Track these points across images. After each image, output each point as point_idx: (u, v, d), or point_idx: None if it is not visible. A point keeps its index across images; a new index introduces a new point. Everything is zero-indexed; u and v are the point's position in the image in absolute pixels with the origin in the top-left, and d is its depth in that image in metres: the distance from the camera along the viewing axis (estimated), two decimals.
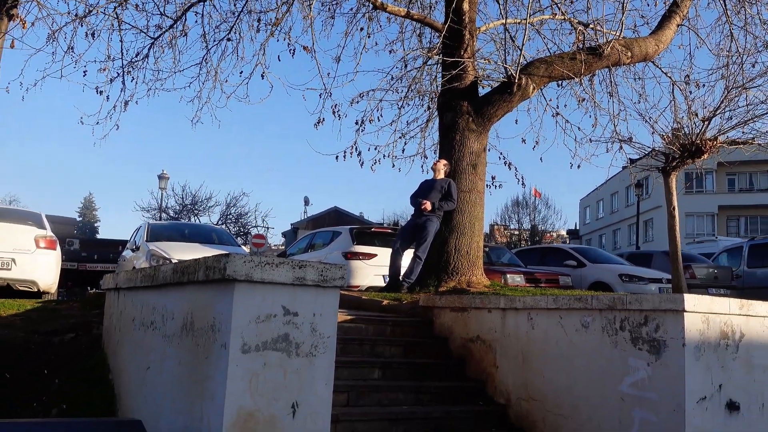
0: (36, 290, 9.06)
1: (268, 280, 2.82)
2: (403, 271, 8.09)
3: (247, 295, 2.79)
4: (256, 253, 20.99)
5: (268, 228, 36.68)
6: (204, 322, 3.03)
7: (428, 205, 7.97)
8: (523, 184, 11.21)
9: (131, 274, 4.51)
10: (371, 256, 10.21)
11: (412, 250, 8.10)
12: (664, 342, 3.95)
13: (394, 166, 10.98)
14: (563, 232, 53.02)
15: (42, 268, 8.99)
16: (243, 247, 13.85)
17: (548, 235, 47.42)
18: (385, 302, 6.96)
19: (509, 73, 7.74)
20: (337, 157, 9.87)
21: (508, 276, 10.39)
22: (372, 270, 10.05)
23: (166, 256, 9.47)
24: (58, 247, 9.48)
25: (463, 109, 8.16)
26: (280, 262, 2.87)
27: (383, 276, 9.69)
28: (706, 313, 4.00)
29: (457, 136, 8.13)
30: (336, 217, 35.07)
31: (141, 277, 4.17)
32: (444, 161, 8.13)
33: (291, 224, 36.69)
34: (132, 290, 4.52)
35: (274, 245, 42.27)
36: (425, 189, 8.28)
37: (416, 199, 8.26)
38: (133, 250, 11.17)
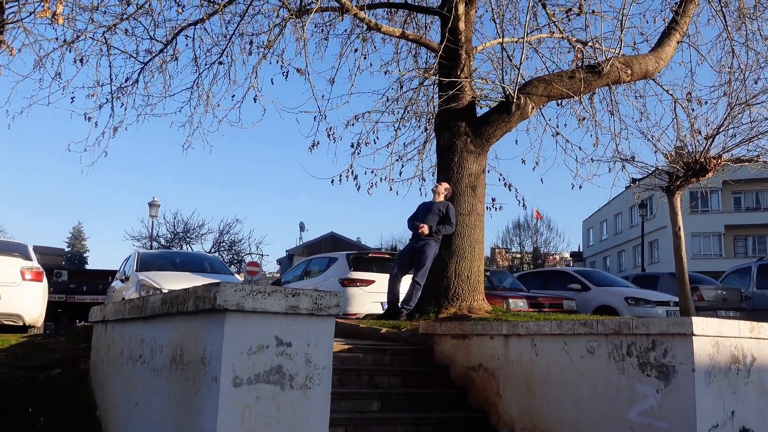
0: (22, 324, 8.98)
1: (260, 309, 2.79)
2: (401, 297, 8.07)
3: (239, 325, 2.76)
4: (250, 282, 20.90)
5: (262, 255, 36.53)
6: (194, 354, 2.99)
7: (425, 229, 7.97)
8: (524, 205, 11.12)
9: (119, 305, 4.48)
10: (369, 282, 10.19)
11: (411, 276, 8.09)
12: (672, 367, 3.91)
13: (391, 189, 10.95)
14: (566, 255, 53.02)
15: (28, 301, 8.92)
16: (236, 275, 13.79)
17: (551, 258, 47.42)
18: (384, 330, 6.92)
19: (507, 92, 7.79)
20: (332, 180, 9.90)
21: (510, 301, 10.36)
22: (370, 297, 10.03)
23: (156, 286, 9.42)
24: (45, 279, 9.42)
25: (461, 130, 8.19)
26: (273, 290, 2.85)
27: (381, 303, 9.66)
28: (715, 337, 3.97)
29: (455, 157, 8.15)
30: (333, 242, 35.07)
31: (129, 309, 4.13)
32: (446, 185, 8.14)
33: (286, 251, 36.72)
34: (120, 322, 4.48)
35: (269, 273, 42.12)
36: (423, 212, 8.28)
37: (413, 222, 8.26)
38: (122, 281, 11.12)
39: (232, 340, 2.74)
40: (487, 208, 10.95)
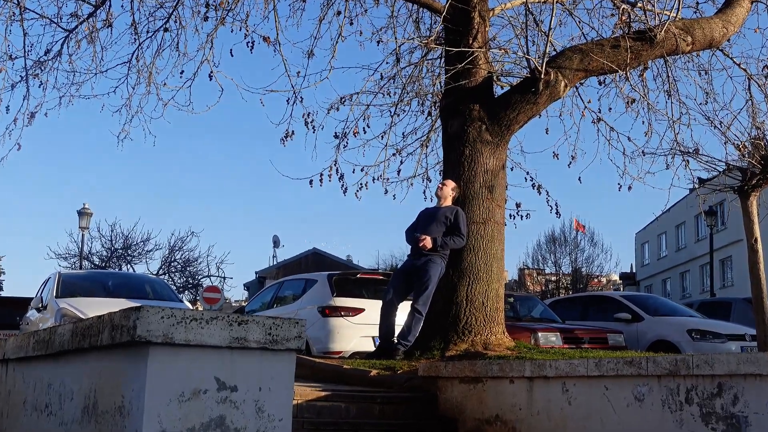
0: None
1: (196, 342, 2.73)
2: (398, 330, 8.04)
3: (167, 363, 2.71)
4: (211, 311, 20.91)
5: (224, 278, 36.46)
6: (110, 402, 2.93)
7: (428, 242, 7.95)
8: (557, 213, 11.12)
9: (22, 339, 4.40)
10: (357, 311, 10.18)
11: (410, 302, 8.06)
12: (745, 419, 3.87)
13: (387, 192, 11.01)
14: (615, 277, 52.99)
15: None
16: (188, 303, 13.70)
17: (595, 280, 47.46)
18: (374, 372, 6.91)
19: (533, 66, 7.78)
20: (311, 181, 9.91)
21: (539, 334, 10.32)
22: (358, 330, 10.00)
23: (81, 316, 9.34)
24: None
25: (474, 115, 8.19)
26: (213, 316, 2.78)
27: (373, 338, 9.63)
28: None
29: (466, 149, 8.13)
30: (315, 261, 35.11)
31: (33, 344, 4.05)
32: (452, 183, 8.13)
33: (256, 273, 36.77)
34: (23, 362, 4.39)
35: (235, 301, 42.07)
36: (425, 220, 8.28)
37: (413, 233, 8.22)
38: (39, 310, 11.05)
39: (157, 382, 2.68)
40: (509, 215, 11.01)
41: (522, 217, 10.80)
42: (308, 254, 36.93)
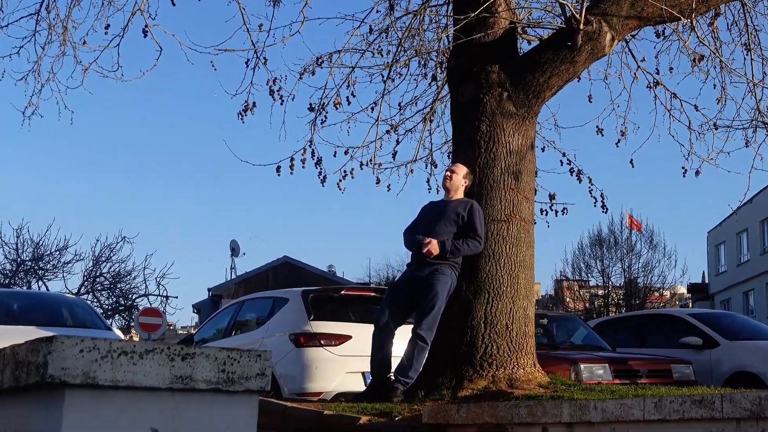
0: None
1: (126, 382, 2.72)
2: (395, 363, 8.07)
3: (88, 410, 2.70)
4: (148, 341, 20.91)
5: (167, 297, 36.43)
6: None
7: (434, 247, 7.99)
8: (604, 206, 11.15)
9: None
10: (341, 338, 10.20)
11: (410, 327, 8.09)
12: None
13: (379, 181, 11.03)
14: (682, 290, 53.11)
15: None
16: (118, 331, 13.66)
17: (655, 294, 47.50)
18: (365, 419, 6.89)
19: (569, 13, 7.80)
20: (278, 168, 9.91)
21: (581, 367, 10.36)
22: (342, 363, 10.02)
23: None
24: None
25: (493, 79, 8.25)
26: (149, 349, 2.78)
27: (362, 374, 9.71)
28: None
29: (482, 124, 8.19)
30: (287, 274, 35.12)
31: None
32: (463, 169, 8.17)
33: (209, 290, 36.75)
34: None
35: (181, 327, 42.02)
36: (430, 218, 8.34)
37: (413, 236, 8.23)
38: None
39: None
40: (540, 210, 11.07)
41: (557, 212, 10.85)
42: (277, 265, 36.89)
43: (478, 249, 7.96)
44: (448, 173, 8.31)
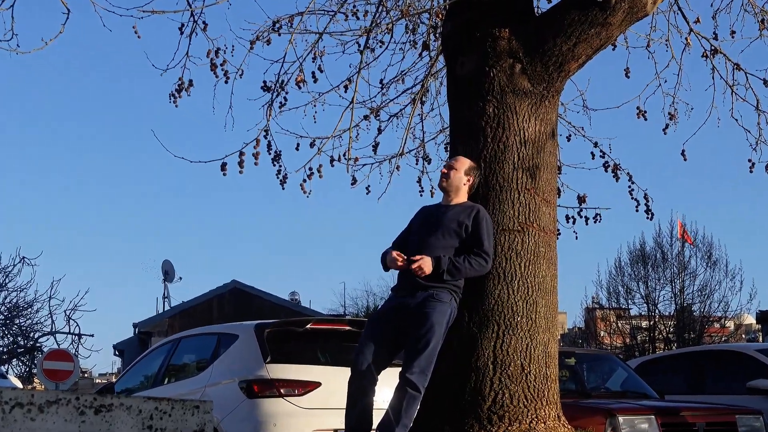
0: None
1: None
2: (377, 418, 8.02)
3: None
4: (57, 391, 20.95)
5: (80, 336, 36.28)
6: None
7: (426, 266, 7.93)
8: (649, 212, 11.19)
9: None
10: (307, 387, 10.21)
11: (397, 370, 8.02)
12: None
13: (355, 182, 11.01)
14: (750, 319, 53.12)
15: None
16: (12, 378, 13.58)
17: (715, 326, 47.42)
18: None
19: None
20: (224, 165, 9.87)
21: (620, 419, 10.36)
22: (308, 419, 10.03)
23: None
24: None
25: (501, 47, 8.27)
26: (53, 399, 2.73)
27: (335, 431, 9.61)
28: None
29: (488, 106, 8.21)
30: (237, 303, 35.16)
31: None
32: (466, 162, 8.20)
33: (135, 325, 36.61)
34: None
35: (99, 375, 41.86)
36: (423, 227, 8.36)
37: (390, 256, 8.25)
38: None
39: None
40: (566, 218, 11.06)
41: (588, 219, 10.87)
42: (224, 292, 36.95)
43: (484, 269, 7.92)
44: (445, 170, 8.28)
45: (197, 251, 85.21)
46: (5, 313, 36.99)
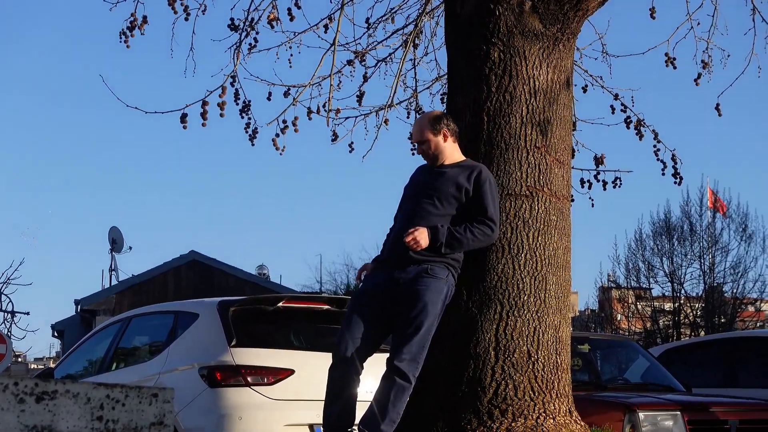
0: None
1: None
2: (360, 412, 8.05)
3: None
4: None
5: (13, 314, 36.21)
6: None
7: (422, 236, 7.96)
8: (677, 176, 11.21)
9: None
10: (278, 374, 10.20)
11: (383, 357, 8.07)
12: None
13: (336, 138, 10.99)
14: None
15: None
16: None
17: (749, 309, 47.58)
18: None
19: None
20: (184, 116, 9.84)
21: (640, 415, 10.40)
22: (280, 412, 10.06)
23: None
24: None
25: None
26: None
27: (310, 427, 9.82)
28: None
29: (493, 49, 8.23)
30: (196, 278, 35.06)
31: None
32: (425, 126, 8.25)
33: (77, 302, 36.57)
34: None
35: (35, 359, 41.92)
36: (417, 191, 8.38)
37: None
38: None
39: None
40: (581, 182, 11.06)
41: (606, 184, 10.87)
42: (181, 264, 36.82)
43: (489, 239, 7.95)
44: (418, 152, 8.29)
45: (150, 217, 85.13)
46: None
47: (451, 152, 8.11)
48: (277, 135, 10.28)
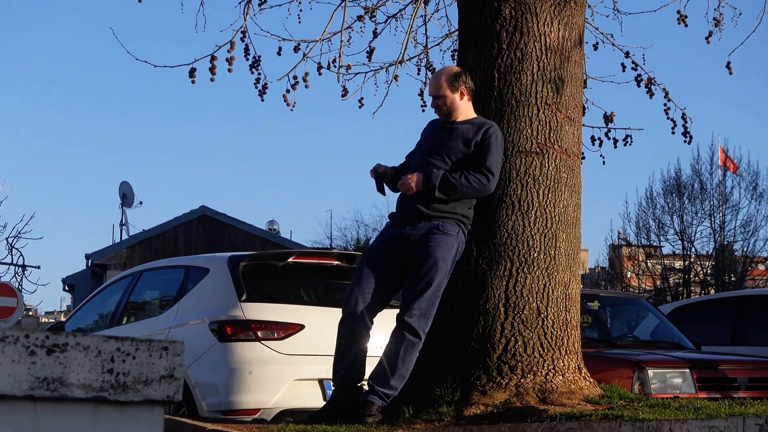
0: None
1: None
2: (370, 367, 8.11)
3: None
4: (2, 328, 21.09)
5: (24, 267, 36.34)
6: None
7: (414, 181, 8.03)
8: (687, 134, 11.20)
9: None
10: (288, 329, 10.28)
11: (393, 313, 8.12)
12: None
13: (346, 93, 10.97)
14: None
15: None
16: None
17: (760, 268, 47.52)
18: None
19: None
20: (193, 70, 9.83)
21: (649, 372, 10.44)
22: (290, 367, 10.14)
23: None
24: None
25: None
26: None
27: (320, 382, 9.87)
28: None
29: (504, 6, 8.22)
30: (207, 233, 35.11)
31: None
32: (444, 81, 8.26)
33: (87, 257, 36.62)
34: None
35: (46, 313, 41.98)
36: (428, 144, 8.42)
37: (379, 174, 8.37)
38: None
39: None
40: (592, 140, 11.05)
41: (617, 142, 10.85)
42: (192, 220, 36.81)
43: (485, 188, 7.99)
44: (432, 105, 8.28)
45: (161, 173, 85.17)
46: None
47: (465, 110, 8.13)
48: (288, 91, 10.28)
